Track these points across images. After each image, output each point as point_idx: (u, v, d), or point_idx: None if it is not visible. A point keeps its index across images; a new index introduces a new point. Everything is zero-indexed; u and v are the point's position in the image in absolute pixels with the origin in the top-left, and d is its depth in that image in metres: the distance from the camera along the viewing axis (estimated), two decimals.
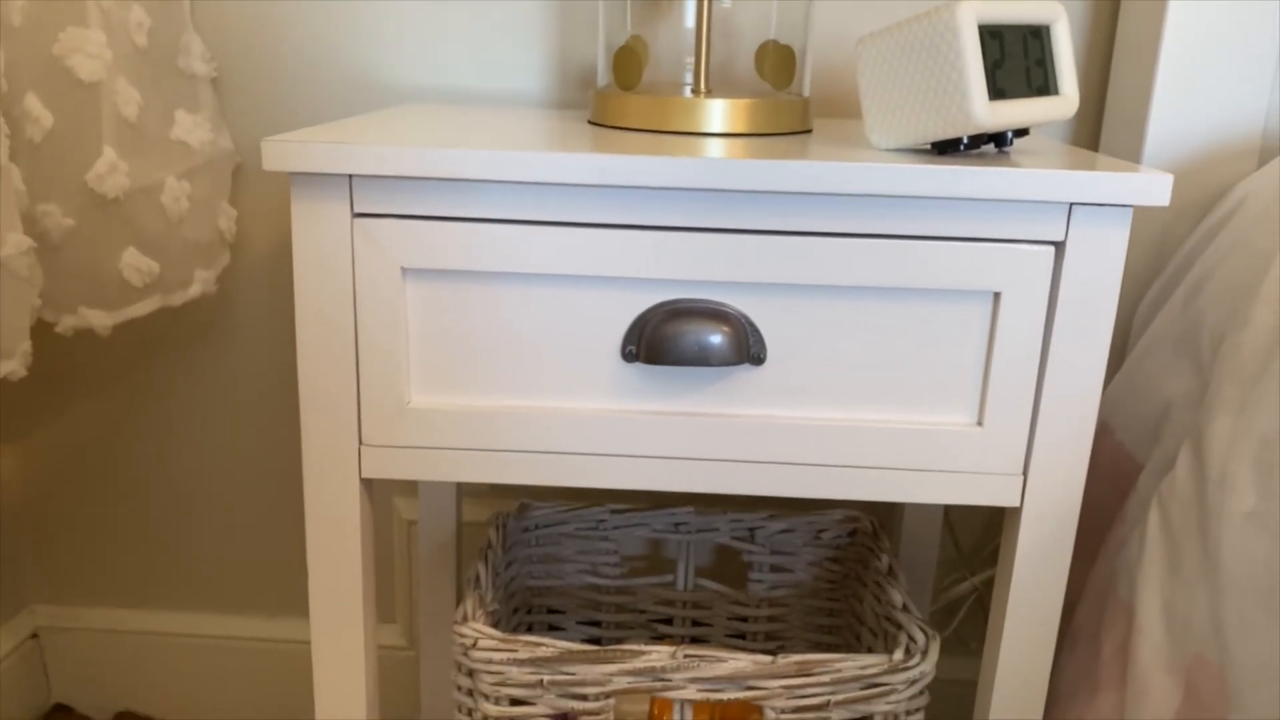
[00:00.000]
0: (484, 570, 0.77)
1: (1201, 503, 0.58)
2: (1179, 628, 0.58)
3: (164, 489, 1.03)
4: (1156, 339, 0.70)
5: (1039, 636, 0.63)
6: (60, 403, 1.02)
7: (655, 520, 0.91)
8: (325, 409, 0.61)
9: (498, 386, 0.61)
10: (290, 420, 1.00)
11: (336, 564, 0.64)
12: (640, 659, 0.66)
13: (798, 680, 0.66)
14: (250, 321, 0.98)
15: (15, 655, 1.04)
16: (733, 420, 0.60)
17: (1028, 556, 0.62)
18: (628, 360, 0.59)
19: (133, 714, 1.09)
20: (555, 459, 0.61)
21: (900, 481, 0.61)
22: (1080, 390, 0.59)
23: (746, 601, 0.91)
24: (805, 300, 0.58)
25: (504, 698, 0.68)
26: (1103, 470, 0.71)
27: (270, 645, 1.06)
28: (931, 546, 0.93)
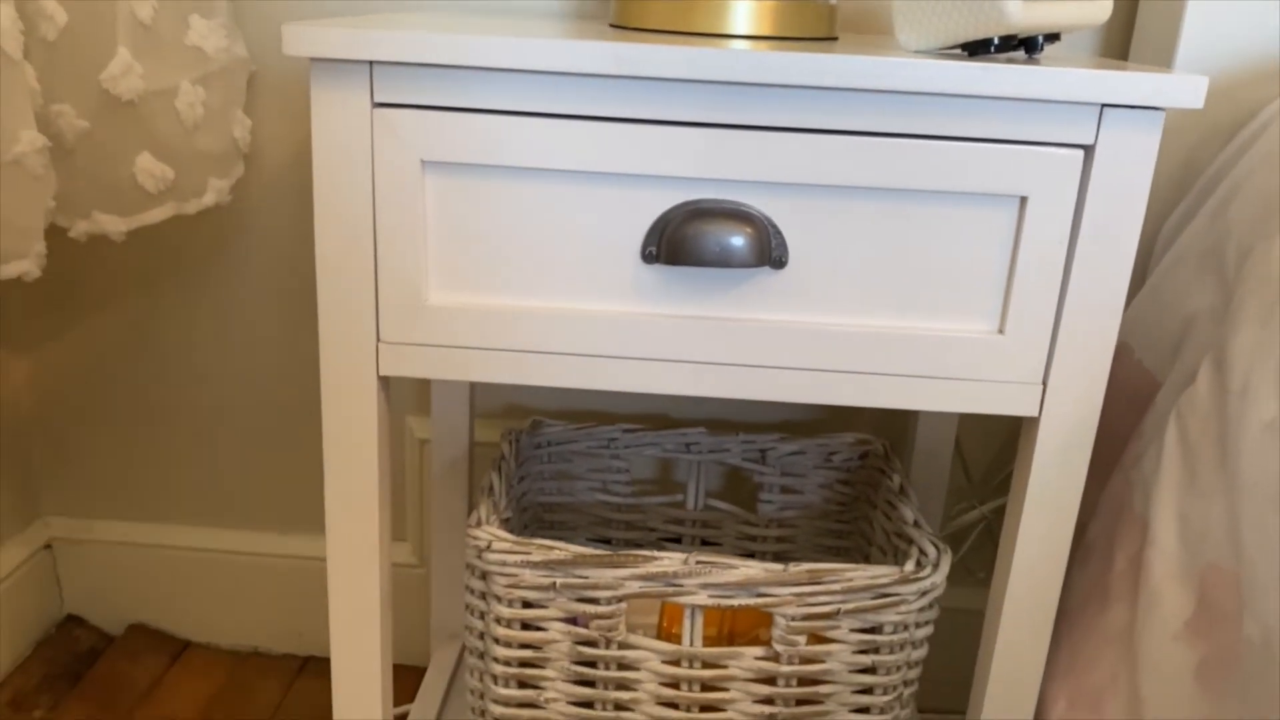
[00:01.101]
0: (497, 480, 0.77)
1: (1221, 414, 0.57)
2: (1193, 538, 0.58)
3: (178, 402, 1.04)
4: (1180, 256, 0.70)
5: (1052, 549, 0.63)
6: (74, 315, 1.02)
7: (666, 440, 0.91)
8: (343, 305, 0.60)
9: (516, 286, 0.60)
10: (305, 335, 1.00)
11: (352, 464, 0.64)
12: (652, 564, 0.67)
13: (808, 588, 0.66)
14: (265, 235, 0.97)
15: (28, 565, 1.05)
16: (752, 325, 0.60)
17: (1044, 468, 0.62)
18: (648, 261, 0.59)
19: (144, 627, 1.10)
20: (573, 360, 0.61)
21: (919, 389, 0.61)
22: (1104, 298, 0.58)
23: (756, 522, 0.91)
24: (829, 202, 0.58)
25: (516, 600, 0.68)
26: (1122, 390, 0.71)
27: (282, 561, 1.07)
28: (941, 474, 0.93)
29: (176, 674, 1.06)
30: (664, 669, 0.68)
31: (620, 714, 0.70)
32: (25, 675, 1.03)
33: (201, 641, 1.10)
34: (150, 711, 1.00)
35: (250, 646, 1.10)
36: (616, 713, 0.70)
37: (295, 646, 1.09)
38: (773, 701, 0.69)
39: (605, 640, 0.68)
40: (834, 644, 0.68)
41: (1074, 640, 0.67)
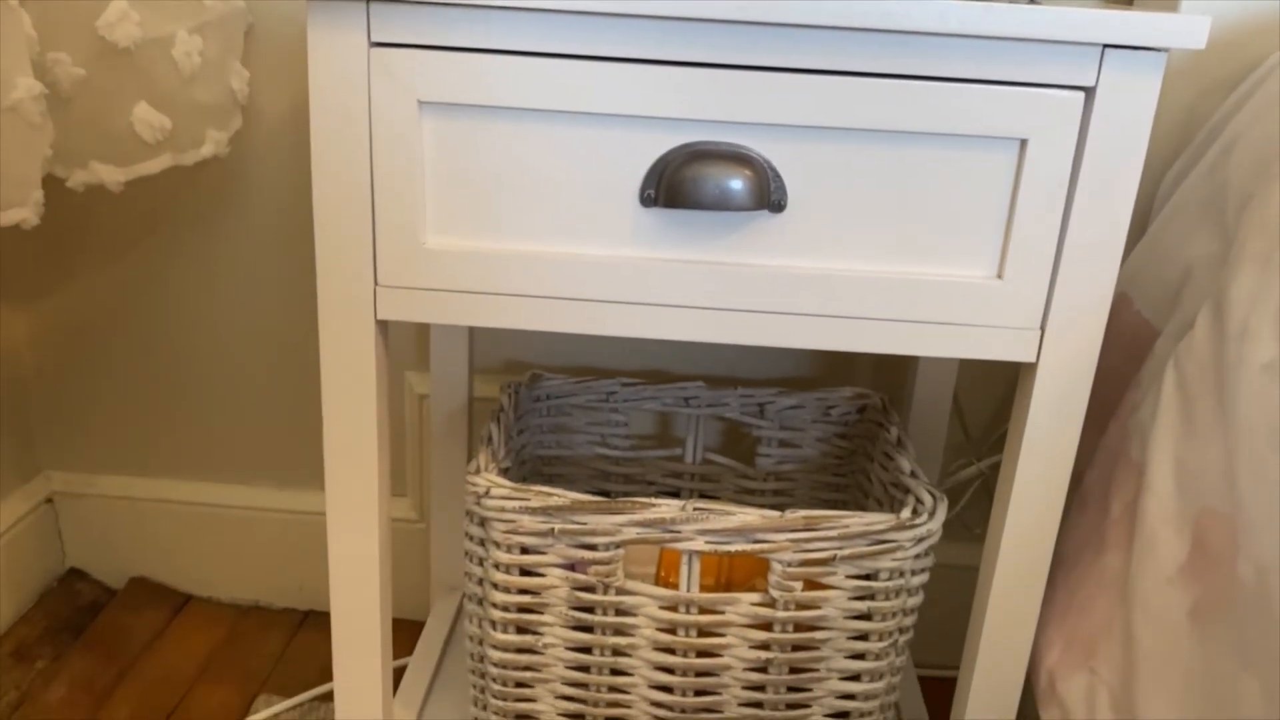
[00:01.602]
0: (496, 430, 0.77)
1: (1219, 358, 0.57)
2: (1189, 483, 0.58)
3: (177, 357, 1.04)
4: (1180, 205, 0.69)
5: (1048, 496, 0.64)
6: (73, 269, 1.02)
7: (665, 394, 0.91)
8: (340, 249, 0.60)
9: (514, 229, 0.60)
10: (304, 289, 1.00)
11: (351, 410, 0.64)
12: (650, 511, 0.67)
13: (805, 534, 0.67)
14: (263, 188, 0.97)
15: (30, 519, 1.06)
16: (751, 270, 0.60)
17: (1041, 414, 0.62)
18: (646, 204, 0.59)
19: (146, 580, 1.11)
20: (571, 305, 0.61)
21: (918, 334, 0.61)
22: (1104, 243, 0.58)
23: (753, 475, 0.92)
24: (829, 145, 0.57)
25: (515, 546, 0.68)
26: (1120, 339, 0.71)
27: (283, 516, 1.07)
28: (939, 429, 0.93)
29: (178, 627, 1.06)
30: (661, 615, 0.69)
31: (618, 659, 0.70)
32: (28, 626, 1.04)
33: (202, 595, 1.11)
34: (152, 663, 1.01)
35: (251, 600, 1.10)
36: (614, 658, 0.70)
37: (296, 601, 1.10)
38: (769, 647, 0.69)
39: (603, 586, 0.69)
40: (830, 590, 0.68)
41: (1069, 587, 0.67)
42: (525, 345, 1.01)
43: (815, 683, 0.70)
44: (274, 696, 0.97)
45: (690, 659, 0.70)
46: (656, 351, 1.00)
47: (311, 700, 0.97)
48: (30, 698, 0.96)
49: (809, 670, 0.70)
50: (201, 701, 0.97)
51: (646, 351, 1.00)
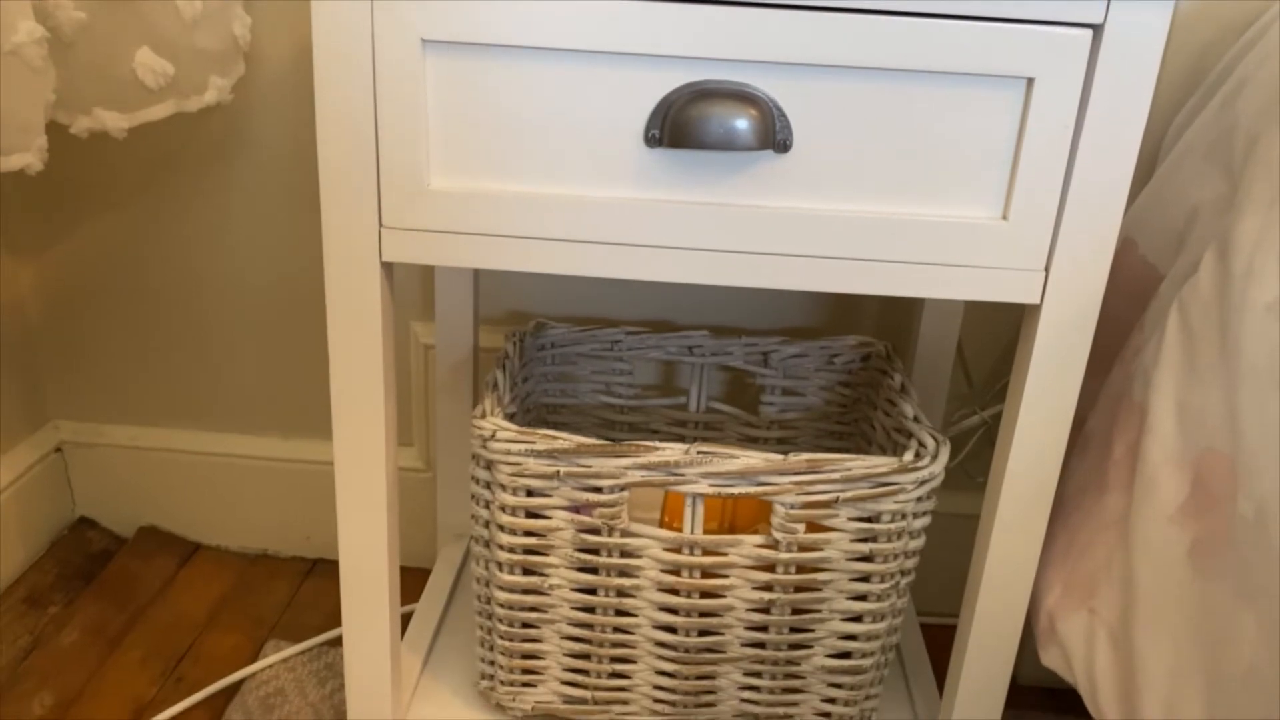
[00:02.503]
0: (501, 376, 0.78)
1: (1223, 299, 0.57)
2: (1191, 424, 0.58)
3: (184, 306, 1.04)
4: (1187, 149, 0.69)
5: (1051, 438, 0.64)
6: (78, 219, 1.02)
7: (669, 343, 0.91)
8: (345, 190, 0.60)
9: (518, 170, 0.60)
10: (309, 237, 1.00)
11: (357, 353, 0.64)
12: (654, 454, 0.67)
13: (808, 477, 0.67)
14: (267, 136, 0.97)
15: (40, 468, 1.07)
16: (756, 211, 0.60)
17: (1044, 356, 0.62)
18: (650, 145, 0.59)
19: (155, 529, 1.12)
20: (574, 247, 0.61)
21: (922, 276, 0.61)
22: (1109, 183, 0.58)
23: (757, 423, 0.92)
24: (835, 84, 0.57)
25: (521, 489, 0.69)
26: (1125, 284, 0.71)
27: (291, 465, 1.08)
28: (942, 378, 0.94)
29: (187, 575, 1.08)
30: (665, 556, 0.70)
31: (622, 600, 0.71)
32: (40, 573, 1.05)
33: (211, 544, 1.12)
34: (163, 609, 1.03)
35: (259, 549, 1.12)
36: (619, 599, 0.71)
37: (303, 550, 1.11)
38: (771, 588, 0.70)
39: (608, 529, 0.69)
40: (832, 532, 0.69)
41: (1070, 529, 0.68)
42: (530, 295, 1.01)
43: (817, 623, 0.71)
44: (283, 642, 0.99)
45: (694, 600, 0.70)
46: (661, 302, 1.00)
47: (320, 645, 0.99)
48: (43, 642, 0.97)
49: (811, 611, 0.71)
50: (212, 646, 0.98)
51: (651, 302, 1.00)
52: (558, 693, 0.76)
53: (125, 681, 0.94)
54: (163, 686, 0.93)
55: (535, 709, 0.76)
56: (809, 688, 0.74)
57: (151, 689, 0.93)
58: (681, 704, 0.75)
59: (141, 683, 0.94)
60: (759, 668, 0.73)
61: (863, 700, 0.75)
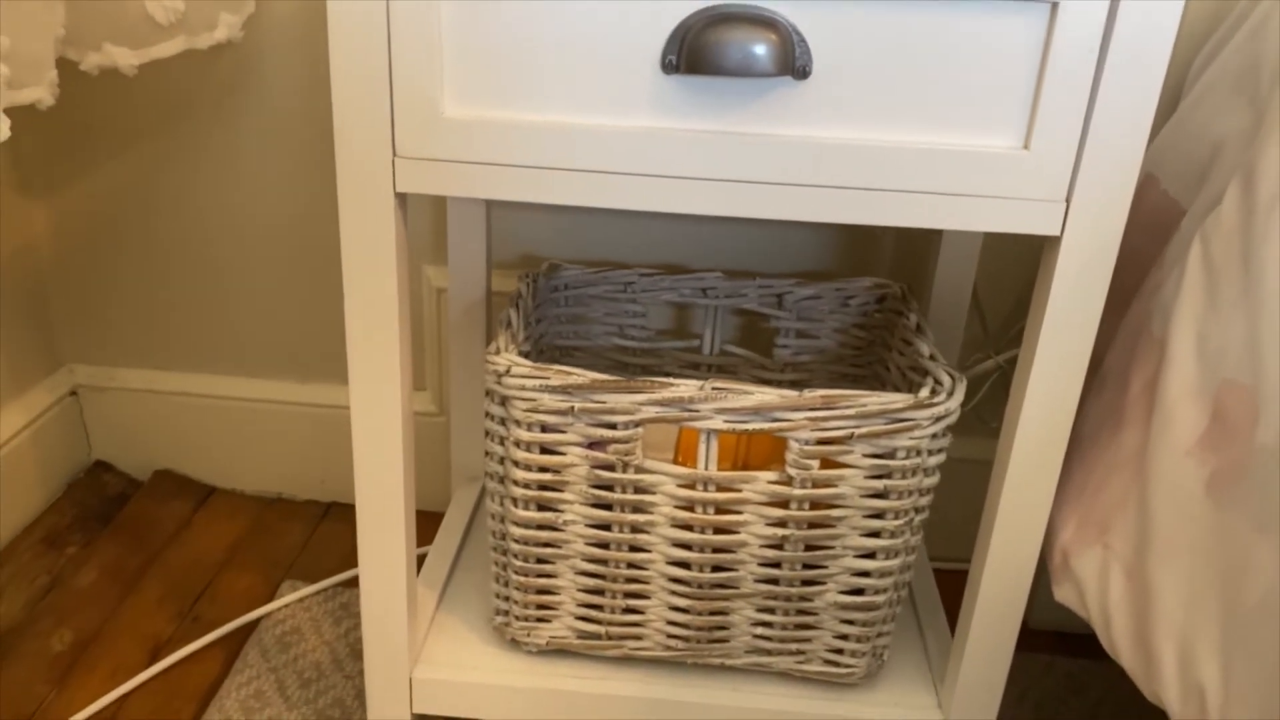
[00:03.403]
0: (515, 315, 0.77)
1: (1247, 230, 0.57)
2: (1211, 356, 0.58)
3: (198, 249, 1.04)
4: (1211, 83, 0.68)
5: (1069, 373, 0.63)
6: (91, 160, 1.01)
7: (683, 285, 0.91)
8: (358, 120, 0.60)
9: (533, 98, 0.59)
10: (324, 178, 1.00)
11: (372, 287, 0.64)
12: (669, 390, 0.67)
13: (823, 413, 0.67)
14: (279, 72, 0.96)
15: (55, 410, 1.07)
16: (774, 140, 0.59)
17: (1064, 289, 0.61)
18: (667, 72, 0.58)
19: (170, 473, 1.13)
20: (590, 177, 0.61)
21: (943, 207, 0.60)
22: (1133, 113, 0.57)
23: (771, 366, 0.92)
24: (856, 7, 0.56)
25: (535, 424, 0.69)
26: (1146, 220, 0.70)
27: (305, 409, 1.09)
28: (958, 322, 0.93)
29: (203, 517, 1.09)
30: (680, 493, 0.70)
31: (636, 536, 0.71)
32: (58, 515, 1.06)
33: (226, 488, 1.13)
34: (179, 551, 1.03)
35: (274, 493, 1.12)
36: (632, 535, 0.71)
37: (318, 493, 1.12)
38: (785, 525, 0.70)
39: (622, 465, 0.69)
40: (847, 469, 0.68)
41: (1086, 466, 0.67)
42: (542, 239, 1.00)
43: (831, 560, 0.71)
44: (298, 582, 0.99)
45: (707, 536, 0.71)
46: (674, 245, 0.99)
47: (335, 586, 0.99)
48: (61, 581, 0.98)
49: (825, 548, 0.71)
50: (228, 586, 0.99)
51: (664, 245, 0.99)
52: (572, 628, 0.76)
53: (143, 620, 0.95)
54: (180, 625, 0.94)
55: (549, 644, 0.77)
56: (822, 624, 0.74)
57: (169, 627, 0.94)
58: (694, 639, 0.75)
59: (159, 621, 0.95)
60: (772, 604, 0.73)
61: (875, 637, 0.75)
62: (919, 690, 0.78)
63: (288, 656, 0.91)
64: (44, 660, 0.89)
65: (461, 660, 0.78)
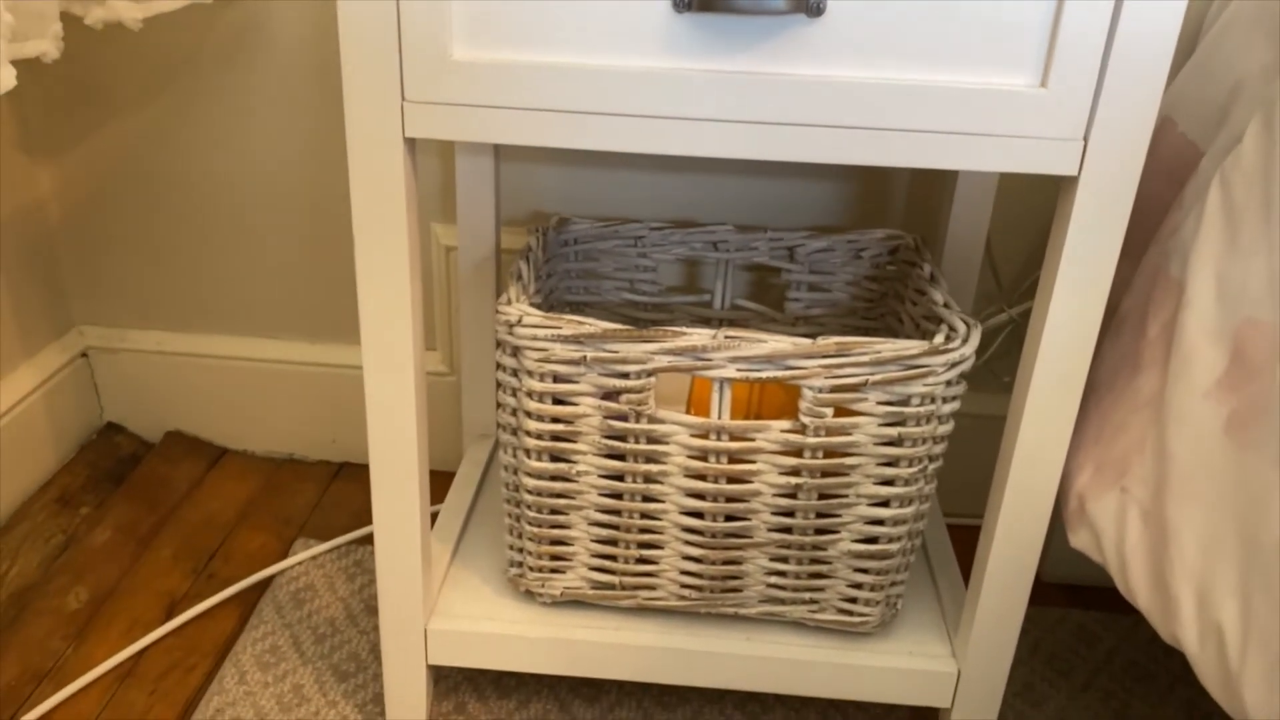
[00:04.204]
0: (525, 267, 0.77)
1: (1268, 169, 0.56)
2: (1231, 296, 0.57)
3: (205, 209, 1.03)
4: (1228, 24, 0.67)
5: (1085, 314, 0.63)
6: (98, 120, 1.01)
7: (694, 239, 0.90)
8: (367, 64, 0.59)
9: (543, 40, 0.59)
10: (333, 134, 0.99)
11: (382, 234, 0.64)
12: (681, 339, 0.67)
13: (836, 360, 0.66)
14: (285, 28, 0.95)
15: (66, 372, 1.07)
16: (788, 80, 0.58)
17: (1081, 230, 0.61)
18: (679, 9, 0.57)
19: (182, 434, 1.13)
20: (601, 120, 0.60)
21: (960, 146, 0.59)
22: (1151, 50, 0.56)
23: (782, 320, 0.91)
24: None
25: (547, 374, 0.69)
26: (1164, 163, 0.69)
27: (315, 370, 1.08)
28: (971, 274, 0.92)
29: (215, 478, 1.09)
30: (693, 442, 0.70)
31: (649, 486, 0.71)
32: (71, 475, 1.06)
33: (238, 449, 1.13)
34: (192, 510, 1.04)
35: (286, 453, 1.13)
36: (646, 485, 0.71)
37: (330, 454, 1.12)
38: (799, 473, 0.70)
39: (635, 415, 0.69)
40: (861, 417, 0.68)
41: (1102, 411, 0.67)
42: (552, 196, 1.00)
43: (844, 508, 0.71)
44: (311, 540, 1.00)
45: (720, 485, 0.71)
46: (683, 202, 0.99)
47: (348, 543, 1.00)
48: (76, 540, 0.99)
49: (838, 496, 0.71)
50: (242, 545, 1.00)
51: (673, 201, 0.99)
52: (585, 578, 0.76)
53: (158, 577, 0.95)
54: (195, 582, 0.95)
55: (564, 594, 0.77)
56: (835, 573, 0.74)
57: (184, 584, 0.94)
58: (708, 589, 0.75)
59: (174, 578, 0.95)
60: (785, 553, 0.73)
61: (889, 586, 0.75)
62: (933, 640, 0.78)
63: (302, 613, 0.92)
64: (61, 617, 0.90)
65: (476, 612, 0.78)
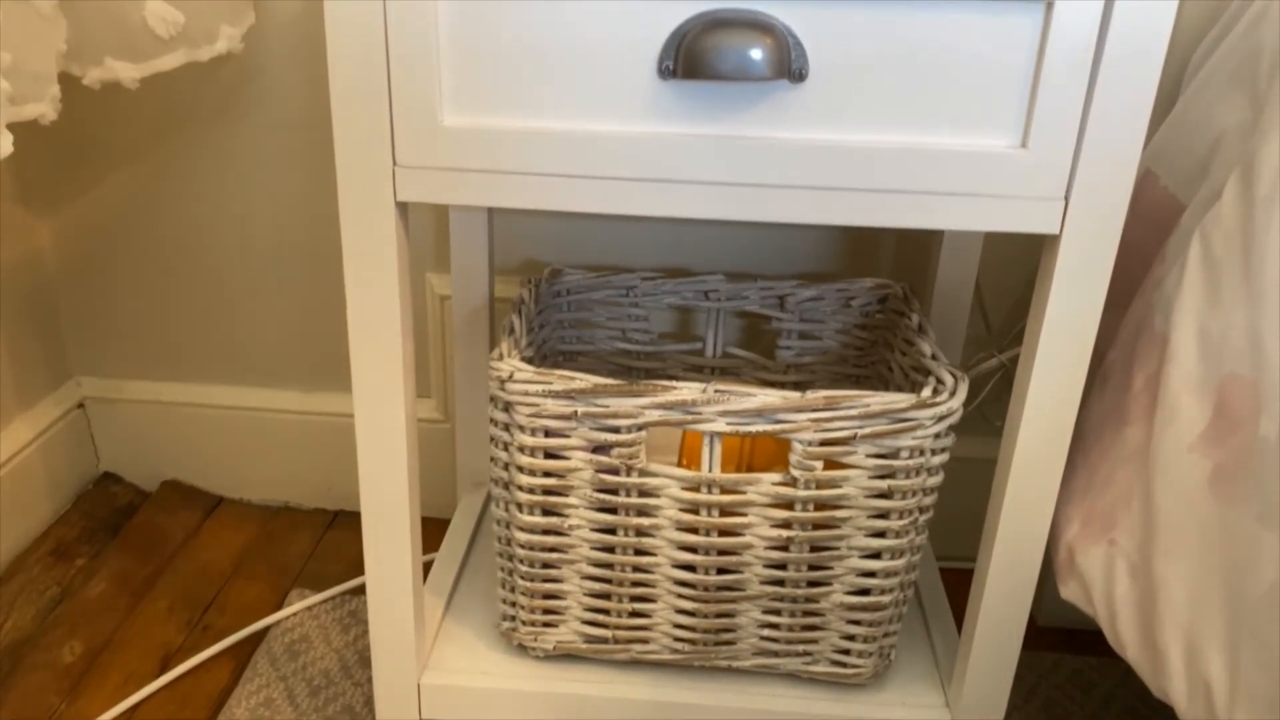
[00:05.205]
0: (518, 321, 0.78)
1: (1247, 223, 0.57)
2: (1213, 350, 0.58)
3: (202, 260, 1.04)
4: (1209, 77, 0.68)
5: (1070, 371, 0.63)
6: (95, 173, 1.02)
7: (685, 288, 0.91)
8: (358, 130, 0.60)
9: (531, 106, 0.60)
10: (326, 186, 1.00)
11: (374, 295, 0.64)
12: (672, 393, 0.67)
13: (825, 414, 0.67)
14: (279, 83, 0.96)
15: (63, 423, 1.08)
16: (771, 143, 0.59)
17: (1064, 286, 0.61)
18: (664, 77, 0.58)
19: (178, 483, 1.13)
20: (589, 183, 0.61)
21: (941, 207, 0.60)
22: (1130, 110, 0.57)
23: (773, 368, 0.92)
24: (851, 10, 0.56)
25: (539, 429, 0.69)
26: (1146, 216, 0.70)
27: (310, 418, 1.09)
28: (960, 321, 0.93)
29: (211, 527, 1.09)
30: (684, 495, 0.70)
31: (641, 540, 0.72)
32: (66, 527, 1.07)
33: (233, 497, 1.13)
34: (188, 560, 1.04)
35: (281, 502, 1.13)
36: (638, 539, 0.72)
37: (325, 501, 1.12)
38: (790, 526, 0.70)
39: (626, 468, 0.70)
40: (851, 469, 0.69)
41: (1090, 463, 0.68)
42: (544, 244, 1.01)
43: (836, 561, 0.71)
44: (306, 590, 1.00)
45: (713, 539, 0.71)
46: (675, 250, 1.00)
47: (343, 594, 1.00)
48: (71, 593, 0.99)
49: (830, 548, 0.71)
50: (237, 595, 1.00)
51: (665, 250, 1.00)
52: (578, 632, 0.76)
53: (153, 629, 0.95)
54: (190, 634, 0.95)
55: (556, 648, 0.77)
56: (828, 625, 0.74)
57: (179, 636, 0.94)
58: (701, 642, 0.75)
59: (169, 630, 0.95)
60: (778, 605, 0.73)
61: (881, 638, 0.75)
62: (926, 689, 0.78)
63: (297, 664, 0.91)
64: (55, 671, 0.90)
65: (469, 666, 0.78)
